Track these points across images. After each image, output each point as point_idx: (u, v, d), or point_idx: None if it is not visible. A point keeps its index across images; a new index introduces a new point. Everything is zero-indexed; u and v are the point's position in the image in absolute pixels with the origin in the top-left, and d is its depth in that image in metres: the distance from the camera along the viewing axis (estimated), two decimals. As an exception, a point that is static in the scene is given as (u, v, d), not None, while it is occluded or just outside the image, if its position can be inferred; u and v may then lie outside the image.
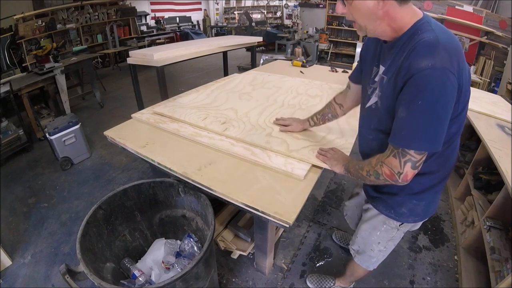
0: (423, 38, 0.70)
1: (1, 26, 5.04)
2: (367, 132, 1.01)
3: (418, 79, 0.67)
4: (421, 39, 0.70)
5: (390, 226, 1.09)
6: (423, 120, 0.69)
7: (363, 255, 1.28)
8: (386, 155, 0.80)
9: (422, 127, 0.70)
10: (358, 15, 0.77)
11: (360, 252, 1.29)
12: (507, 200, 1.54)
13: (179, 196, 1.44)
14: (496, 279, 1.41)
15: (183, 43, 3.74)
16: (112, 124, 1.64)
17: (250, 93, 2.06)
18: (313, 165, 1.25)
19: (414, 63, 0.68)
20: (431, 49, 0.68)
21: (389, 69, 0.81)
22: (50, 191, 2.56)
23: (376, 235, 1.15)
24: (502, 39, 5.20)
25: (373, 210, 1.13)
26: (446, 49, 0.68)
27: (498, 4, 5.56)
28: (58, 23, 5.95)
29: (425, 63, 0.66)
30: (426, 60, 0.67)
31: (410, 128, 0.72)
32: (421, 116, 0.69)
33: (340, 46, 8.03)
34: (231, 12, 12.32)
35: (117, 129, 1.62)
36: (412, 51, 0.71)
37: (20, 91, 3.19)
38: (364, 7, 0.74)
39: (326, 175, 2.75)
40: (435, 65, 0.66)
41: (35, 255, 1.92)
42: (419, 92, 0.67)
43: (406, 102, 0.71)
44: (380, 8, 0.72)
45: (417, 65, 0.67)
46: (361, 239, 1.25)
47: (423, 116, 0.69)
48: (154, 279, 1.32)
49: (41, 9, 5.72)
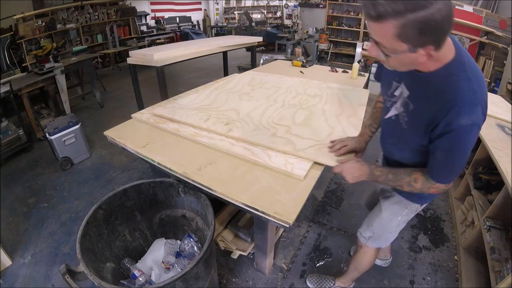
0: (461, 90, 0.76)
1: (1, 26, 5.04)
2: (388, 139, 1.09)
3: (458, 134, 0.78)
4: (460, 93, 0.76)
5: (411, 210, 1.18)
6: (458, 163, 0.86)
7: (379, 239, 1.31)
8: (432, 183, 0.92)
9: (457, 168, 0.87)
10: (396, 63, 0.79)
11: (375, 237, 1.30)
12: (507, 200, 1.54)
13: (179, 196, 1.44)
14: (496, 279, 1.41)
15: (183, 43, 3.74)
16: (112, 124, 1.64)
17: (249, 93, 2.05)
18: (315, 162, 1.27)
19: (455, 120, 0.76)
20: (471, 108, 0.76)
21: (418, 102, 0.88)
22: (50, 191, 2.56)
23: (397, 220, 1.22)
24: (502, 39, 5.20)
25: (395, 197, 1.19)
26: (480, 104, 0.77)
27: (498, 4, 5.55)
28: (58, 23, 5.96)
29: (466, 121, 0.75)
30: (466, 119, 0.75)
31: (448, 169, 0.88)
32: (457, 161, 0.85)
33: (340, 46, 8.03)
34: (231, 12, 12.32)
35: (117, 129, 1.62)
36: (452, 107, 0.76)
37: (20, 91, 3.19)
38: (406, 59, 0.75)
39: (326, 175, 2.75)
40: (473, 122, 0.76)
41: (35, 255, 1.92)
42: (457, 144, 0.81)
43: (446, 150, 0.83)
44: (421, 59, 0.74)
45: (459, 123, 0.76)
46: (378, 226, 1.27)
47: (458, 161, 0.85)
48: (154, 279, 1.32)
49: (41, 9, 5.72)
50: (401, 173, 0.97)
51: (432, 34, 0.67)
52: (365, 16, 0.71)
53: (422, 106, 0.86)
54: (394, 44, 0.71)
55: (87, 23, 6.57)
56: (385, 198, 1.24)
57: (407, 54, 0.72)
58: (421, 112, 0.86)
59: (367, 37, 7.26)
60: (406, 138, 0.96)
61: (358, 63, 3.13)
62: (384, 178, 1.00)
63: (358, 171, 1.05)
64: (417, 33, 0.66)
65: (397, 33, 0.67)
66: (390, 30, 0.67)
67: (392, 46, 0.72)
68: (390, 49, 0.73)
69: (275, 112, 1.75)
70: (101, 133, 1.68)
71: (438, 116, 0.79)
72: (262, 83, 2.30)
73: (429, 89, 0.83)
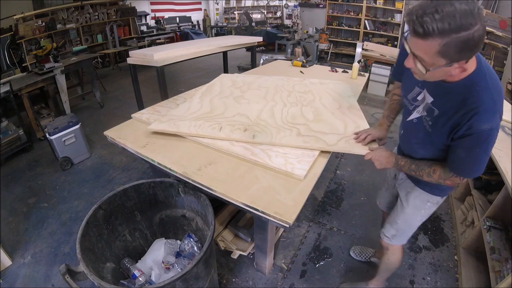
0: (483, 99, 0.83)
1: (1, 26, 5.04)
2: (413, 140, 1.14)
3: (479, 136, 0.86)
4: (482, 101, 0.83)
5: (433, 203, 1.23)
6: (479, 161, 0.92)
7: (402, 236, 1.35)
8: (449, 174, 0.99)
9: (478, 165, 0.93)
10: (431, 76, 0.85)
11: (399, 235, 1.35)
12: (507, 200, 1.54)
13: (179, 196, 1.44)
14: (496, 279, 1.41)
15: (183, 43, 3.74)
16: (112, 124, 1.64)
17: (243, 96, 1.97)
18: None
19: (476, 125, 0.84)
20: (491, 116, 0.84)
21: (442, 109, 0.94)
22: (50, 191, 2.56)
23: (420, 214, 1.26)
24: (502, 39, 5.20)
25: (416, 192, 1.23)
26: (499, 112, 0.85)
27: (498, 4, 5.55)
28: (58, 23, 5.95)
29: (486, 126, 0.84)
30: (486, 124, 0.83)
31: (469, 165, 0.95)
32: (478, 159, 0.91)
33: (340, 46, 8.03)
34: (231, 12, 12.31)
35: (117, 129, 1.62)
36: (475, 114, 0.84)
37: (20, 91, 3.18)
38: (442, 71, 0.81)
39: (326, 175, 2.75)
40: (492, 127, 0.84)
41: (35, 255, 1.92)
42: (479, 144, 0.88)
43: (468, 148, 0.90)
44: (453, 71, 0.81)
45: (479, 127, 0.84)
46: (403, 222, 1.31)
47: (479, 159, 0.92)
48: (154, 279, 1.32)
49: (41, 9, 5.72)
50: (422, 164, 1.06)
51: (469, 52, 0.75)
52: (411, 33, 0.76)
53: (446, 113, 0.93)
54: (434, 60, 0.77)
55: (87, 23, 6.56)
56: (406, 194, 1.28)
57: (443, 68, 0.79)
58: (446, 118, 0.93)
59: (366, 37, 7.27)
60: (431, 140, 1.02)
61: (358, 63, 3.13)
62: (407, 168, 1.10)
63: (385, 159, 1.16)
64: (457, 51, 0.73)
65: (440, 50, 0.73)
66: (434, 47, 0.73)
67: (432, 61, 0.78)
68: (429, 63, 0.79)
69: (283, 112, 1.73)
70: (101, 133, 1.67)
71: (461, 121, 0.87)
72: (247, 84, 2.21)
73: (453, 97, 0.90)
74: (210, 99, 1.91)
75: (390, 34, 7.02)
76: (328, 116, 1.68)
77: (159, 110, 1.84)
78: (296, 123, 1.59)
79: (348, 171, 2.85)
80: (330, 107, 1.81)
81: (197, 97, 1.94)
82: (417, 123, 1.06)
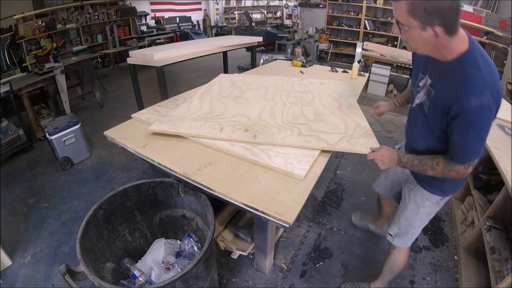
0: (472, 76, 0.87)
1: (1, 26, 5.04)
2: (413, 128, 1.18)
3: (470, 114, 0.87)
4: (471, 78, 0.87)
5: (432, 202, 1.23)
6: (474, 143, 0.92)
7: (404, 236, 1.36)
8: (451, 164, 0.99)
9: (474, 148, 0.93)
10: (412, 41, 0.93)
11: (401, 233, 1.36)
12: (507, 200, 1.54)
13: (179, 196, 1.44)
14: (496, 279, 1.41)
15: (183, 43, 3.74)
16: (112, 124, 1.64)
17: (243, 97, 1.96)
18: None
19: (465, 102, 0.86)
20: (479, 91, 0.85)
21: (438, 89, 0.99)
22: (50, 191, 2.56)
23: (420, 212, 1.27)
24: (502, 39, 5.20)
25: (417, 189, 1.26)
26: (490, 88, 0.85)
27: (498, 4, 5.55)
28: (58, 23, 5.95)
29: (475, 102, 0.84)
30: (475, 99, 0.84)
31: (464, 149, 0.95)
32: (472, 141, 0.91)
33: (340, 46, 8.02)
34: (231, 12, 12.31)
35: (117, 129, 1.62)
36: (463, 89, 0.87)
37: (20, 91, 3.18)
38: (419, 37, 0.88)
39: (326, 175, 2.75)
40: (482, 103, 0.84)
41: (35, 255, 1.92)
42: (471, 124, 0.88)
43: (461, 131, 0.91)
44: (432, 40, 0.87)
45: (468, 104, 0.85)
46: (405, 219, 1.33)
47: (474, 141, 0.91)
48: (154, 279, 1.32)
49: (41, 9, 5.72)
50: (425, 158, 1.06)
51: (439, 18, 0.82)
52: None
53: (440, 92, 0.97)
54: (407, 21, 0.87)
55: (87, 23, 6.56)
56: (409, 191, 1.30)
57: (418, 30, 0.87)
58: (440, 97, 0.96)
59: (366, 37, 7.27)
60: (428, 124, 1.05)
61: (358, 63, 3.13)
62: (410, 164, 1.10)
63: (388, 159, 1.15)
64: (423, 11, 0.82)
65: (408, 10, 0.84)
66: (403, 7, 0.85)
67: (406, 22, 0.88)
68: (405, 25, 0.89)
69: (283, 112, 1.73)
70: (101, 133, 1.67)
71: (452, 99, 0.89)
72: (247, 84, 2.21)
73: (446, 75, 0.95)
74: (210, 100, 1.90)
75: (390, 34, 7.01)
76: (328, 115, 1.69)
77: (159, 110, 1.85)
78: (297, 123, 1.59)
79: (348, 171, 2.85)
80: (330, 107, 1.82)
81: (196, 97, 1.93)
82: (418, 109, 1.10)
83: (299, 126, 1.56)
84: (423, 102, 1.06)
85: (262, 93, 2.04)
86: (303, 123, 1.59)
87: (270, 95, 2.00)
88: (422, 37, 0.88)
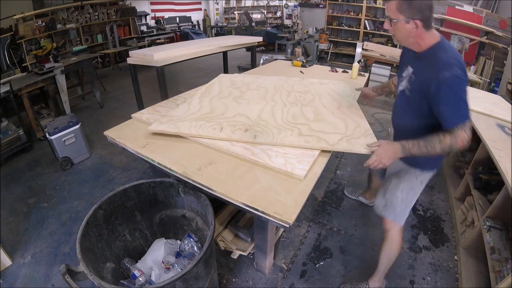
0: (442, 58, 1.11)
1: (1, 26, 5.04)
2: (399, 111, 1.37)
3: (447, 85, 1.07)
4: (442, 59, 1.10)
5: (411, 175, 1.39)
6: (459, 105, 1.09)
7: (391, 208, 1.45)
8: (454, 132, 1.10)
9: (460, 109, 1.09)
10: (398, 33, 1.18)
11: (388, 205, 1.46)
12: (507, 200, 1.54)
13: (179, 196, 1.44)
14: (496, 279, 1.41)
15: (183, 43, 3.74)
16: (112, 124, 1.64)
17: (242, 97, 1.96)
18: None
19: (441, 76, 1.06)
20: (447, 66, 1.07)
21: (417, 73, 1.21)
22: (50, 191, 2.56)
23: (402, 185, 1.41)
24: (502, 39, 5.20)
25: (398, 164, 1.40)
26: (457, 65, 1.07)
27: (498, 4, 5.55)
28: (58, 23, 5.95)
29: (447, 74, 1.06)
30: (447, 72, 1.06)
31: (454, 113, 1.10)
32: (456, 103, 1.09)
33: (340, 46, 8.03)
34: (231, 12, 12.31)
35: (117, 129, 1.62)
36: (437, 68, 1.09)
37: (20, 91, 3.18)
38: (404, 28, 1.14)
39: (326, 175, 2.75)
40: (453, 74, 1.05)
41: (35, 255, 1.92)
42: (451, 92, 1.07)
43: (445, 101, 1.08)
44: (413, 31, 1.13)
45: (444, 77, 1.06)
46: (389, 191, 1.45)
47: (457, 103, 1.08)
48: (154, 279, 1.32)
49: (41, 9, 5.72)
50: (429, 136, 1.14)
51: (419, 12, 1.09)
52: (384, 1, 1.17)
53: (420, 75, 1.19)
54: (396, 15, 1.13)
55: (87, 23, 6.56)
56: (392, 167, 1.44)
57: (403, 23, 1.12)
58: (420, 80, 1.18)
59: (366, 37, 7.27)
60: (410, 105, 1.25)
61: (358, 63, 3.13)
62: (417, 147, 1.15)
63: (391, 151, 1.20)
64: (408, 7, 1.09)
65: (397, 7, 1.11)
66: (393, 5, 1.12)
67: (395, 17, 1.14)
68: (394, 19, 1.14)
69: (283, 112, 1.73)
70: (101, 133, 1.67)
71: (431, 79, 1.10)
72: (246, 84, 2.20)
73: (422, 62, 1.19)
74: (210, 100, 1.90)
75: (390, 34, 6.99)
76: (328, 116, 1.69)
77: (159, 110, 1.85)
78: (297, 123, 1.59)
79: (348, 171, 2.85)
80: (330, 106, 1.82)
81: (196, 97, 1.93)
82: (401, 95, 1.31)
83: (299, 126, 1.55)
84: (405, 89, 1.27)
85: (262, 93, 2.03)
86: (303, 123, 1.59)
87: (270, 95, 1.99)
88: (406, 29, 1.13)
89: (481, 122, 2.04)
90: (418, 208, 2.35)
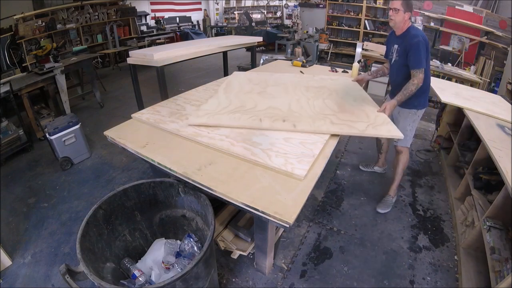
0: (412, 33, 1.87)
1: (1, 26, 5.04)
2: (393, 75, 2.10)
3: (414, 45, 1.80)
4: (412, 34, 1.86)
5: (411, 113, 2.07)
6: (420, 56, 1.80)
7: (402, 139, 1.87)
8: (416, 75, 1.82)
9: (420, 59, 1.81)
10: (396, 19, 1.87)
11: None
12: (507, 200, 1.54)
13: (179, 196, 1.44)
14: (496, 279, 1.41)
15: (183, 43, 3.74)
16: (112, 124, 1.64)
17: (266, 92, 2.14)
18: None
19: (410, 42, 1.82)
20: (415, 36, 1.82)
21: (400, 45, 1.94)
22: (50, 191, 2.56)
23: (407, 120, 2.09)
24: (502, 39, 5.20)
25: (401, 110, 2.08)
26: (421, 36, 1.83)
27: (498, 4, 5.56)
28: (58, 23, 5.95)
29: (414, 40, 1.80)
30: (414, 39, 1.81)
31: (416, 61, 1.82)
32: (419, 55, 1.80)
33: (340, 46, 8.03)
34: (231, 12, 12.31)
35: (117, 129, 1.62)
36: (409, 39, 1.84)
37: (20, 91, 3.18)
38: (401, 16, 1.85)
39: (326, 175, 2.75)
40: (418, 40, 1.79)
41: (35, 255, 1.92)
42: (416, 49, 1.80)
43: (412, 54, 1.82)
44: (406, 18, 1.87)
45: (412, 41, 1.81)
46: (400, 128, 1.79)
47: (419, 55, 1.80)
48: (154, 279, 1.32)
49: (41, 9, 5.72)
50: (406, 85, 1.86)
51: (409, 8, 1.84)
52: None
53: (402, 46, 1.91)
54: (399, 7, 1.82)
55: (87, 23, 6.56)
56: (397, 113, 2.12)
57: (402, 13, 1.83)
58: (402, 49, 1.91)
59: (366, 37, 7.27)
60: (399, 68, 1.98)
61: (358, 63, 3.13)
62: (401, 96, 1.86)
63: (392, 105, 1.85)
64: (406, 5, 1.82)
65: (402, 3, 1.81)
66: (399, 3, 1.82)
67: (399, 8, 1.82)
68: (397, 9, 1.83)
69: (309, 104, 1.90)
70: (101, 133, 1.67)
71: (406, 46, 1.85)
72: (265, 81, 2.36)
73: (402, 38, 1.92)
74: (235, 95, 2.05)
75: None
76: (349, 107, 1.90)
77: (159, 110, 1.85)
78: (325, 113, 1.77)
79: (348, 171, 2.85)
80: (347, 99, 2.02)
81: (221, 93, 2.09)
82: (393, 64, 2.05)
83: (329, 116, 1.72)
84: (395, 58, 2.00)
85: (282, 88, 2.19)
86: (331, 114, 1.77)
87: (291, 90, 2.16)
88: (402, 17, 1.85)
89: (481, 122, 2.04)
90: (418, 208, 2.35)
